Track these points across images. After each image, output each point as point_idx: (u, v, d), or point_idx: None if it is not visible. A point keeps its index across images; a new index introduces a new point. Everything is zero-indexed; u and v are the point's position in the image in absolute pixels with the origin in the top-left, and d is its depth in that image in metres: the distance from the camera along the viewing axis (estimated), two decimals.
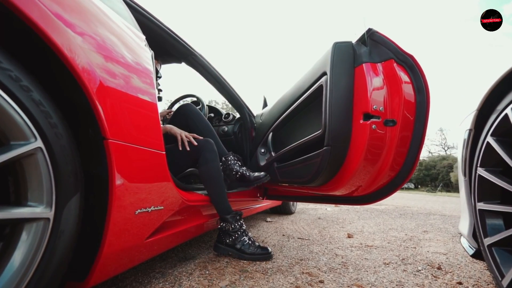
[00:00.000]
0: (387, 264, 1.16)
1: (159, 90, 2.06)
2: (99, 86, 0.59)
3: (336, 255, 1.29)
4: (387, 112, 0.90)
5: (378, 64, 0.92)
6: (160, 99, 2.06)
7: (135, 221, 0.70)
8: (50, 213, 0.50)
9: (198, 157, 1.19)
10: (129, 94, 0.69)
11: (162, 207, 0.82)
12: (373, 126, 0.90)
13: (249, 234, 1.22)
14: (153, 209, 0.77)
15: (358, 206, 3.91)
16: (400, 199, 6.52)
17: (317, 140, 1.04)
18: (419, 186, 26.53)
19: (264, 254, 1.17)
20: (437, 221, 2.67)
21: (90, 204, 0.64)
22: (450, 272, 1.06)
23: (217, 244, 1.21)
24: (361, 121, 0.92)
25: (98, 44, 0.62)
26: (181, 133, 1.21)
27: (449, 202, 6.45)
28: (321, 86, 1.02)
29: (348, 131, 0.95)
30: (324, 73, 1.01)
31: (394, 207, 4.03)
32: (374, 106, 0.89)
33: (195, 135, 1.24)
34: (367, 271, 1.06)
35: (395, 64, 0.90)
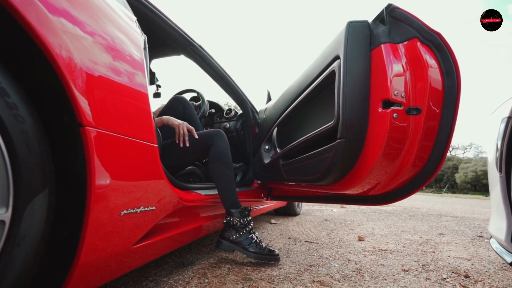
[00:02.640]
0: (407, 271, 1.05)
1: (158, 86, 1.97)
2: (73, 62, 0.50)
3: (349, 260, 1.17)
4: (410, 99, 0.79)
5: (399, 44, 0.81)
6: (159, 95, 1.97)
7: (120, 224, 0.60)
8: (5, 215, 0.40)
9: (210, 146, 1.10)
10: (112, 75, 0.59)
11: (153, 208, 0.71)
12: (394, 114, 0.78)
13: (256, 233, 1.12)
14: (143, 209, 0.67)
15: (365, 207, 3.78)
16: (406, 200, 6.36)
17: (328, 132, 0.93)
18: (423, 188, 26.20)
19: (271, 256, 1.07)
20: (450, 223, 2.54)
21: (67, 203, 0.55)
22: (480, 281, 0.94)
23: (220, 239, 1.07)
24: (380, 110, 0.81)
25: (73, 14, 0.52)
26: (180, 125, 1.10)
27: (457, 203, 6.29)
28: (333, 72, 0.91)
29: (365, 121, 0.84)
30: (337, 57, 0.90)
31: (402, 208, 3.90)
32: (395, 92, 0.78)
33: (193, 130, 1.13)
34: (386, 280, 0.95)
35: (419, 44, 0.78)
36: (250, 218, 1.10)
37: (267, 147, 1.49)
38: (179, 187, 0.92)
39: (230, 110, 1.94)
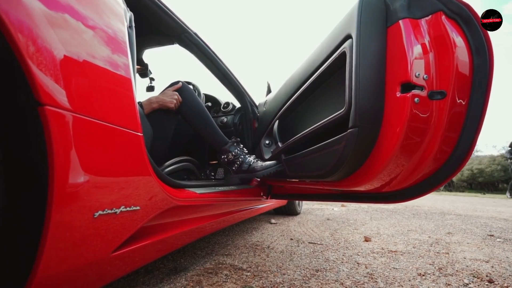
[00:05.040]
0: (423, 275, 0.95)
1: (151, 79, 1.85)
2: (30, 25, 0.39)
3: (358, 263, 1.07)
4: (433, 82, 0.69)
5: (421, 20, 0.71)
6: (152, 88, 1.86)
7: (93, 228, 0.49)
8: None
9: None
10: (84, 47, 0.48)
11: (137, 208, 0.61)
12: (416, 99, 0.68)
13: (253, 155, 1.17)
14: (124, 210, 0.56)
15: (366, 206, 3.70)
16: None
17: (337, 122, 0.83)
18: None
19: (276, 165, 1.09)
20: (455, 221, 2.45)
21: (29, 203, 0.44)
22: (507, 287, 0.85)
23: (227, 177, 1.16)
24: (398, 94, 0.71)
25: None
26: (176, 104, 1.10)
27: (457, 201, 6.23)
28: (343, 54, 0.81)
29: (380, 107, 0.74)
30: (348, 36, 0.80)
31: (404, 207, 3.82)
32: (417, 74, 0.69)
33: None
34: (402, 286, 0.85)
35: (444, 18, 0.69)
36: (241, 146, 1.18)
37: (267, 141, 1.39)
38: (171, 184, 0.82)
39: (227, 103, 1.84)
